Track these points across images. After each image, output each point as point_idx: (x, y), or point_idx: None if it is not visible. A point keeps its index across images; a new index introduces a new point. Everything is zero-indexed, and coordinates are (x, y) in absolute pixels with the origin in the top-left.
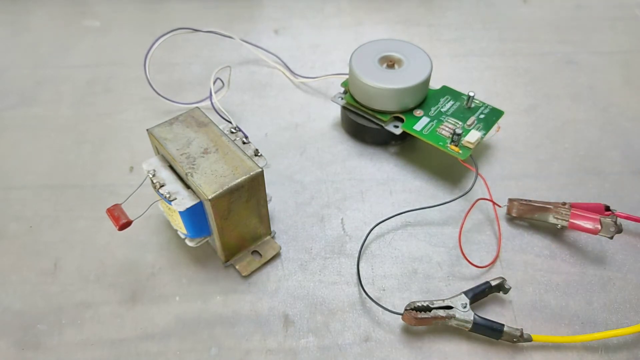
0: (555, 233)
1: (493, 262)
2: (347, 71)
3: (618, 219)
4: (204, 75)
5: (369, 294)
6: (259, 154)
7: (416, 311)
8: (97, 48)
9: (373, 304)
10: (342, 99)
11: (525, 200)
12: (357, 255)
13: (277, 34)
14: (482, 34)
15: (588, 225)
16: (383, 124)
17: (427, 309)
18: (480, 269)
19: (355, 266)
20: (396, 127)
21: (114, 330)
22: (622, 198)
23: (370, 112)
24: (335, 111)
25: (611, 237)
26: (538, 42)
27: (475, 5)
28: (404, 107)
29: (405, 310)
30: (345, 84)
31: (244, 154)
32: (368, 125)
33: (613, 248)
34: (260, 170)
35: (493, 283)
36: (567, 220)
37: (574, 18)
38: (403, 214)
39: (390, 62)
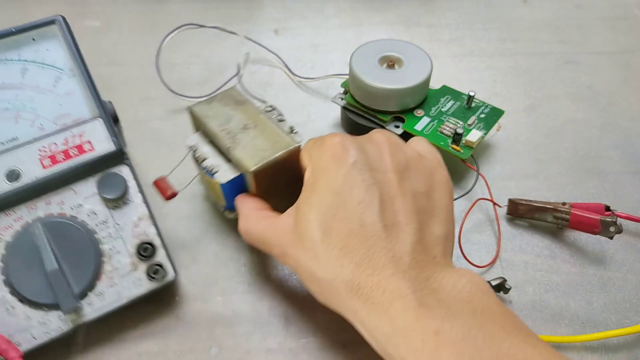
0: (555, 233)
1: (493, 262)
2: (347, 71)
3: (618, 219)
4: (203, 75)
5: None
6: (295, 131)
7: None
8: (97, 48)
9: None
10: (342, 99)
11: (525, 200)
12: None
13: (277, 34)
14: (482, 34)
15: (588, 225)
16: (384, 124)
17: None
18: (480, 268)
19: None
20: (397, 127)
21: (114, 331)
22: (622, 198)
23: (370, 112)
24: (335, 111)
25: (611, 237)
26: (538, 42)
27: (475, 5)
28: (405, 107)
29: None
30: (345, 84)
31: (281, 130)
32: (368, 125)
33: (613, 248)
34: (297, 145)
35: (493, 283)
36: (567, 220)
37: (573, 18)
38: None
39: (390, 62)
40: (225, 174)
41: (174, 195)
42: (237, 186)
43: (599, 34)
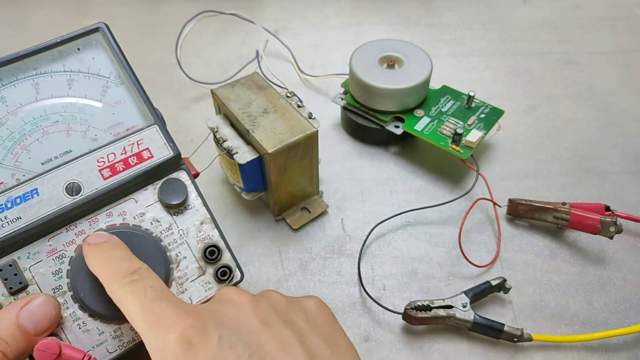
0: (555, 233)
1: (493, 262)
2: (347, 71)
3: (618, 219)
4: (205, 73)
5: (369, 293)
6: (313, 117)
7: (416, 310)
8: None
9: (373, 303)
10: (342, 99)
11: (525, 200)
12: (357, 255)
13: (277, 34)
14: (482, 34)
15: (588, 225)
16: (384, 124)
17: (428, 308)
18: (480, 268)
19: (356, 266)
20: (397, 127)
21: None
22: (622, 198)
23: (370, 112)
24: (335, 111)
25: (611, 237)
26: (538, 42)
27: (475, 5)
28: (405, 107)
29: (406, 309)
30: (345, 84)
31: (300, 115)
32: (368, 125)
33: (613, 248)
34: (315, 130)
35: (493, 283)
36: (567, 220)
37: (573, 18)
38: (403, 214)
39: (390, 62)
40: (244, 155)
41: (196, 175)
42: (255, 168)
43: (599, 34)
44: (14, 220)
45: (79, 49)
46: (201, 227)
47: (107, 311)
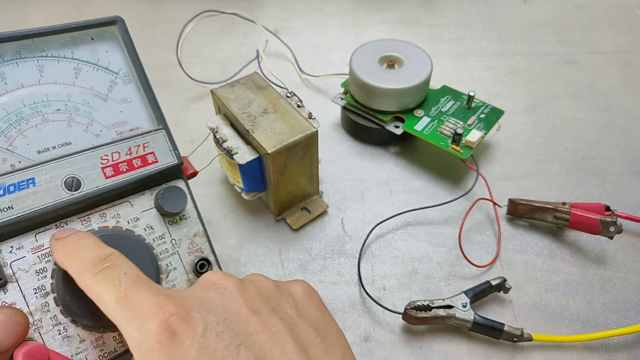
0: (555, 233)
1: (493, 262)
2: (347, 71)
3: (618, 219)
4: (205, 73)
5: (369, 293)
6: (313, 117)
7: (416, 310)
8: None
9: (373, 303)
10: (342, 99)
11: (525, 200)
12: (357, 255)
13: (277, 33)
14: (482, 34)
15: (588, 225)
16: (384, 124)
17: (428, 308)
18: (480, 268)
19: (356, 266)
20: (397, 127)
21: None
22: (622, 198)
23: (370, 112)
24: (335, 111)
25: (611, 237)
26: (538, 42)
27: (475, 5)
28: (405, 107)
29: (406, 309)
30: (345, 84)
31: (300, 115)
32: (368, 125)
33: (613, 248)
34: (315, 130)
35: (493, 282)
36: (567, 220)
37: (573, 18)
38: (403, 214)
39: (390, 62)
40: (244, 155)
41: (194, 174)
42: (255, 168)
43: (599, 34)
44: (5, 209)
45: (92, 38)
46: (194, 239)
47: (92, 318)
